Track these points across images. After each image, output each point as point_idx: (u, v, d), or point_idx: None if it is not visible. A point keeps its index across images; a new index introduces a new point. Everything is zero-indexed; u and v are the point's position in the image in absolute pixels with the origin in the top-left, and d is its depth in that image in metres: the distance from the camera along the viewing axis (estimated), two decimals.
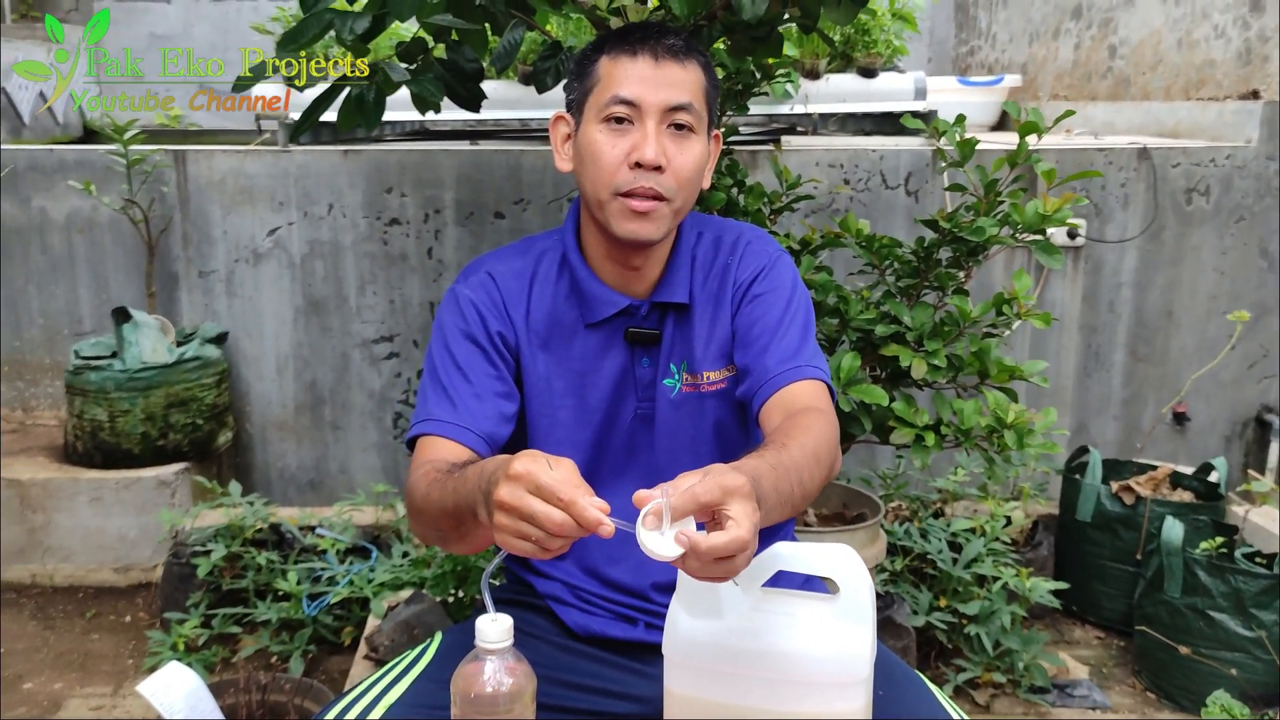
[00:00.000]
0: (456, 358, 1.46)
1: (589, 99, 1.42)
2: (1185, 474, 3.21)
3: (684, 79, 1.40)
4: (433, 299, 3.58)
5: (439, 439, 1.40)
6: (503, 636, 1.08)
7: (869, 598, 1.11)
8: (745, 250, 1.53)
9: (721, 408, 1.52)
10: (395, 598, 2.67)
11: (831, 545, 1.12)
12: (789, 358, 1.44)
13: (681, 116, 1.39)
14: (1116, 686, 2.86)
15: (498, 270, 1.52)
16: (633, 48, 1.40)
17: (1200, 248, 3.72)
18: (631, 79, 1.38)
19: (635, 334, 1.49)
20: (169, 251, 3.55)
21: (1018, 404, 2.01)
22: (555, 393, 1.50)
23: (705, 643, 1.11)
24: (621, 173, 1.39)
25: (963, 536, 2.90)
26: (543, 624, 1.56)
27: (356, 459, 3.69)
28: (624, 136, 1.39)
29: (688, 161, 1.41)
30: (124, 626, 3.05)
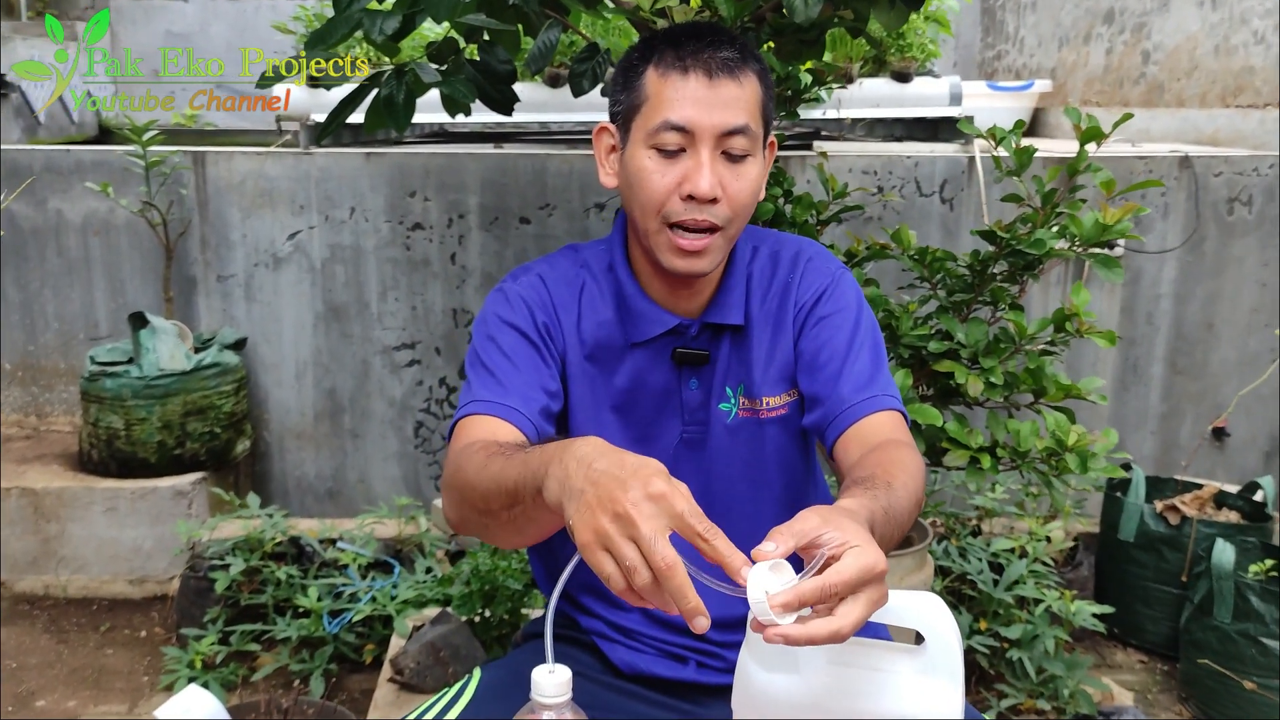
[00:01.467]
0: (503, 347, 1.36)
1: (635, 117, 1.30)
2: (1230, 493, 3.11)
3: (740, 97, 1.27)
4: (455, 305, 3.50)
5: (485, 418, 1.27)
6: (561, 691, 1.00)
7: (959, 651, 1.02)
8: (806, 267, 1.44)
9: (783, 435, 1.43)
10: (420, 616, 2.59)
11: (916, 593, 1.04)
12: (864, 385, 1.35)
13: (737, 143, 1.27)
14: (1163, 714, 2.76)
15: (549, 275, 1.43)
16: (684, 63, 1.27)
17: (1242, 259, 3.62)
18: (683, 101, 1.26)
19: (684, 354, 1.39)
20: (187, 255, 3.47)
21: (1077, 424, 1.92)
22: (597, 409, 1.41)
23: (781, 701, 1.03)
24: (672, 203, 1.28)
25: (1004, 557, 2.81)
26: (586, 659, 1.47)
27: (376, 469, 3.61)
28: (675, 164, 1.28)
29: (744, 188, 1.30)
30: (139, 641, 2.97)
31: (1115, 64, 5.10)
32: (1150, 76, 4.83)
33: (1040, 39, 5.82)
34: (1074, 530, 3.26)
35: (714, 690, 1.43)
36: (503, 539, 1.18)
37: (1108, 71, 5.15)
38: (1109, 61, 5.15)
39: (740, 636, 1.44)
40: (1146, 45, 4.87)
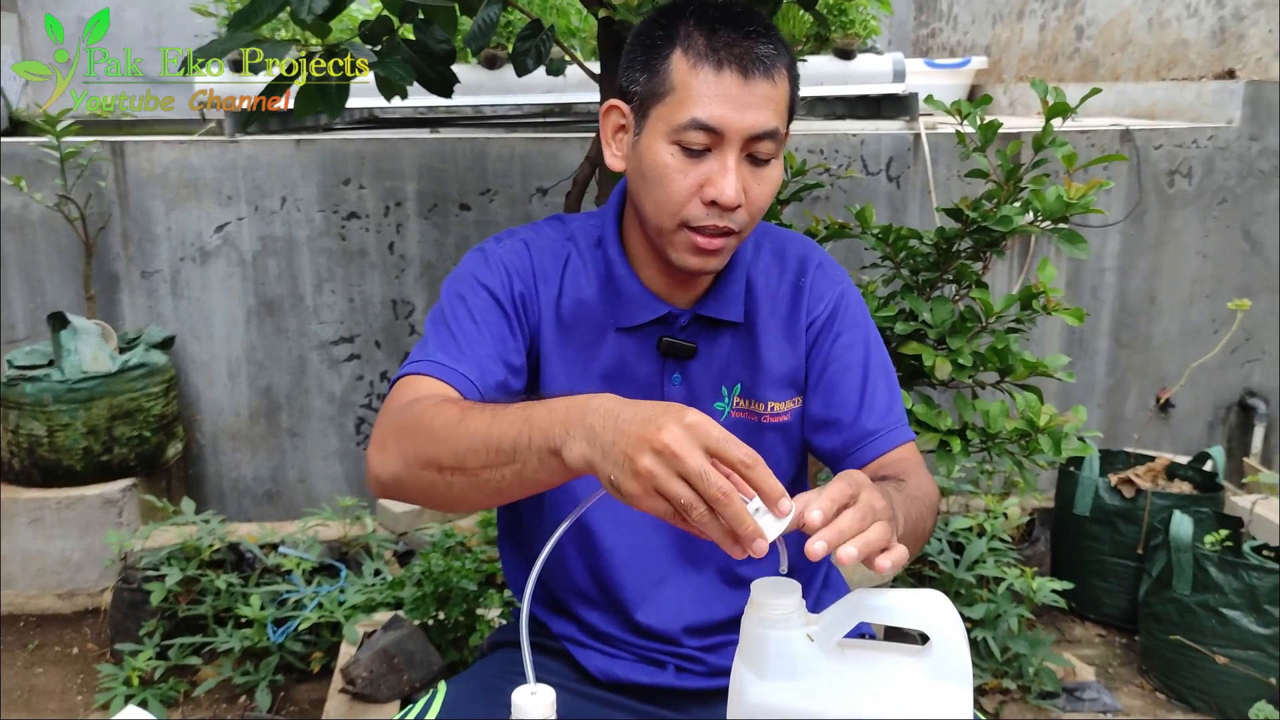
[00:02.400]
0: (472, 309, 1.26)
1: (657, 105, 1.19)
2: (1181, 464, 3.12)
3: (772, 97, 1.17)
4: (395, 297, 3.38)
5: (434, 381, 1.18)
6: (544, 712, 0.93)
7: (966, 652, 0.96)
8: (816, 275, 1.36)
9: (781, 442, 1.36)
10: (370, 622, 2.48)
11: (920, 591, 0.97)
12: (884, 414, 1.31)
13: (765, 147, 1.18)
14: (1124, 687, 2.76)
15: (534, 243, 1.33)
16: (717, 54, 1.15)
17: (1183, 231, 3.64)
18: (714, 98, 1.15)
19: (670, 345, 1.31)
20: (108, 251, 3.31)
21: (1047, 405, 1.88)
22: (575, 387, 1.31)
23: (780, 710, 0.96)
24: (693, 207, 1.19)
25: (963, 536, 2.78)
26: (558, 668, 1.40)
27: (317, 468, 3.48)
28: (698, 164, 1.18)
29: (766, 192, 1.22)
30: (71, 659, 2.83)
31: (1049, 40, 5.11)
32: (1084, 51, 4.85)
33: (974, 16, 5.82)
34: (1029, 506, 3.25)
35: (694, 695, 1.36)
36: (462, 500, 1.05)
37: (1042, 47, 5.17)
38: (1043, 38, 5.17)
39: (719, 640, 1.39)
40: (1080, 20, 4.88)
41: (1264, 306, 3.69)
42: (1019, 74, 5.31)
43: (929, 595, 0.97)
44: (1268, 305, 3.70)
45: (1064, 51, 4.99)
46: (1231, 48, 3.99)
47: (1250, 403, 3.74)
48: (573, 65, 2.57)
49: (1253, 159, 3.60)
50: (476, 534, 2.82)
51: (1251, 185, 3.62)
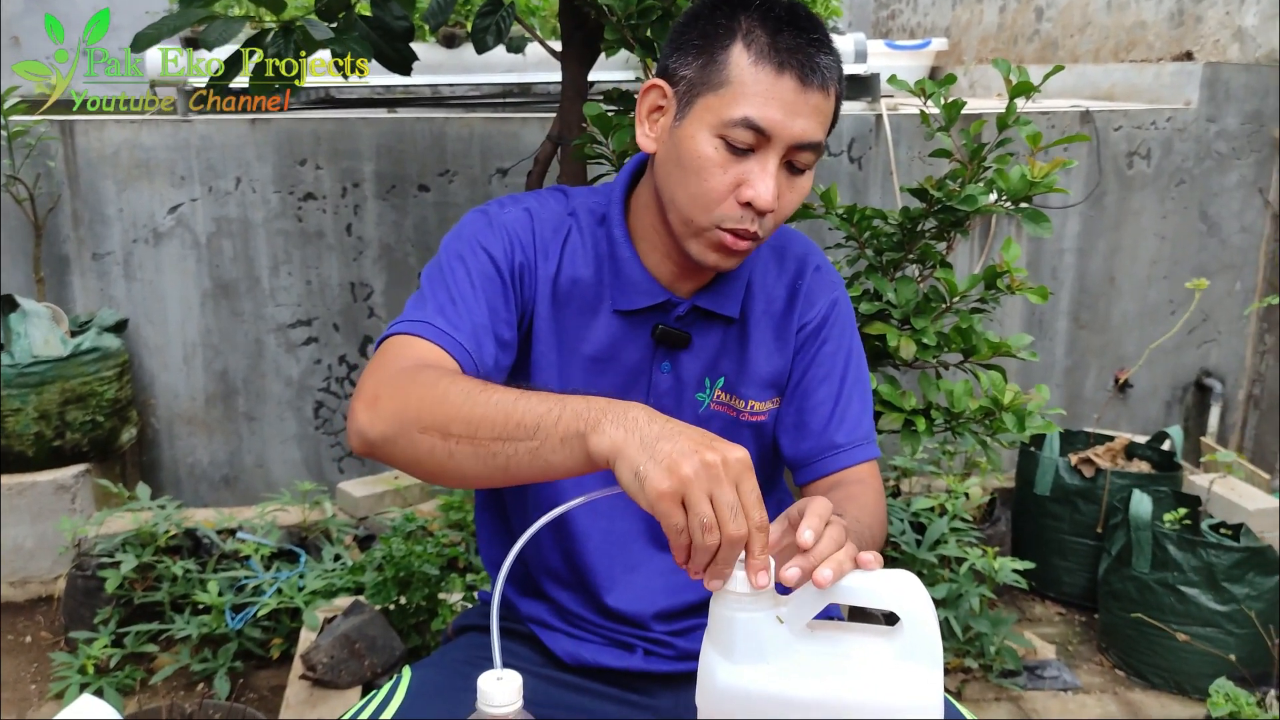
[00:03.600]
0: (472, 272, 1.22)
1: (707, 95, 1.16)
2: (1140, 443, 3.15)
3: (823, 109, 1.15)
4: (353, 279, 3.33)
5: (433, 346, 1.15)
6: (511, 698, 0.91)
7: (936, 633, 0.95)
8: (813, 279, 1.36)
9: (756, 441, 1.36)
10: (331, 608, 2.46)
11: (889, 571, 0.97)
12: (853, 429, 1.33)
13: (805, 157, 1.17)
14: (1084, 665, 2.79)
15: (538, 213, 1.29)
16: (779, 56, 1.12)
17: (1141, 212, 3.67)
18: (770, 100, 1.12)
19: (665, 333, 1.29)
20: (58, 232, 3.23)
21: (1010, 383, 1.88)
22: (559, 370, 1.29)
23: (750, 693, 0.95)
24: (728, 206, 1.17)
25: (924, 516, 2.79)
26: (524, 652, 1.38)
27: (275, 452, 3.43)
28: (739, 162, 1.15)
29: (795, 200, 1.21)
30: (24, 647, 2.77)
31: (1009, 21, 5.13)
32: (1044, 33, 4.87)
33: None
34: (990, 486, 3.28)
35: (662, 679, 1.35)
36: (454, 471, 1.02)
37: (1001, 29, 5.18)
38: (1002, 19, 5.18)
39: (687, 624, 1.37)
40: (1039, 2, 4.90)
41: (1221, 287, 3.73)
42: (979, 56, 5.33)
43: (899, 575, 0.97)
44: (1224, 286, 3.74)
45: (1023, 33, 5.01)
46: (1189, 30, 4.02)
47: (1207, 383, 3.79)
48: (533, 43, 2.54)
49: (1210, 140, 3.64)
50: (438, 518, 2.79)
51: (1209, 166, 3.66)
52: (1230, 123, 3.63)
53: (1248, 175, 3.68)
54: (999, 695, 2.62)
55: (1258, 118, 3.64)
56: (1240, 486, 3.15)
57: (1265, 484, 3.36)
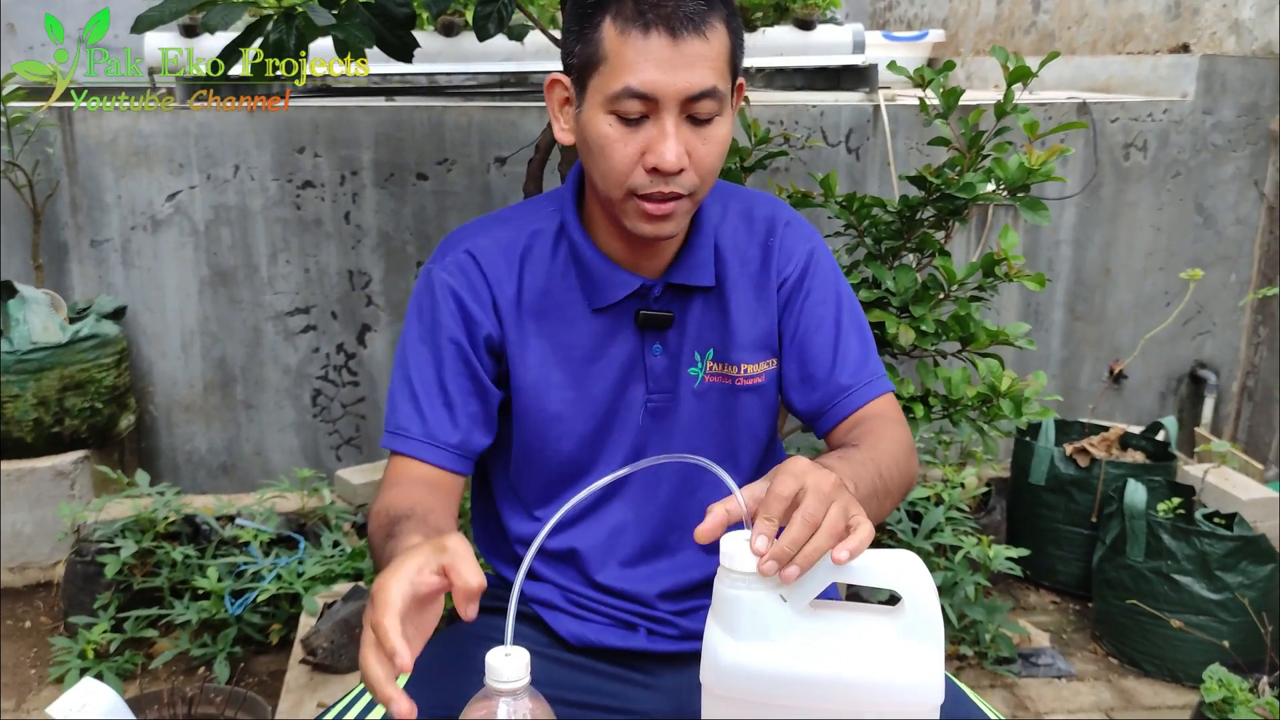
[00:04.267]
0: (427, 356, 1.29)
1: (592, 76, 1.17)
2: (1134, 434, 3.17)
3: (706, 55, 1.14)
4: (351, 267, 3.34)
5: (408, 460, 1.28)
6: (519, 674, 0.92)
7: (938, 612, 0.97)
8: (784, 234, 1.36)
9: (756, 404, 1.36)
10: (330, 593, 2.46)
11: (891, 551, 0.98)
12: (858, 369, 1.32)
13: (704, 107, 1.15)
14: (1078, 652, 2.81)
15: (480, 246, 1.31)
16: (644, 17, 1.12)
17: (1137, 204, 3.68)
18: (645, 63, 1.12)
19: (648, 317, 1.30)
20: (57, 219, 3.23)
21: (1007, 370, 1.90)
22: (551, 384, 1.31)
23: (754, 671, 0.96)
24: (636, 175, 1.17)
25: (921, 505, 2.81)
26: (529, 633, 1.39)
27: (273, 440, 3.44)
28: (637, 132, 1.16)
29: (712, 151, 1.19)
30: (24, 632, 2.78)
31: (1006, 13, 5.13)
32: (1041, 25, 4.88)
33: None
34: (986, 476, 3.29)
35: (666, 658, 1.36)
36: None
37: (999, 21, 5.19)
38: (999, 11, 5.19)
39: (690, 604, 1.39)
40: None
41: (1215, 280, 3.75)
42: (976, 48, 5.34)
43: (901, 556, 0.98)
44: (1219, 278, 3.76)
45: (1021, 25, 5.01)
46: (1186, 22, 4.03)
47: (1201, 374, 3.80)
48: (531, 32, 2.54)
49: (1206, 133, 3.65)
50: None
51: (1204, 159, 3.67)
52: (1226, 115, 3.65)
53: (1243, 168, 3.69)
54: (993, 682, 2.64)
55: (1254, 110, 3.65)
56: (1234, 477, 3.17)
57: (1259, 474, 3.39)
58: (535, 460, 1.35)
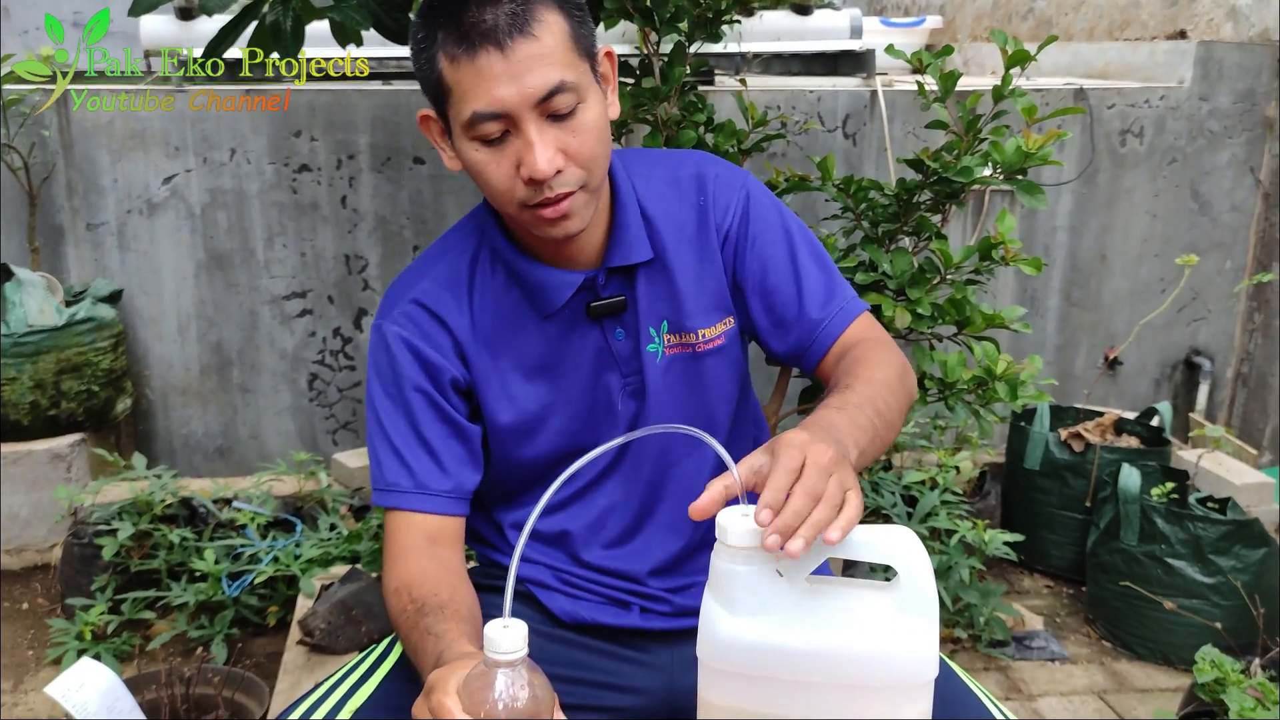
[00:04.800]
0: (398, 411, 1.29)
1: (446, 108, 1.17)
2: (1129, 419, 3.18)
3: (541, 52, 1.11)
4: (348, 251, 3.34)
5: (408, 514, 1.27)
6: (517, 646, 0.92)
7: (933, 587, 0.98)
8: (715, 187, 1.33)
9: (721, 365, 1.35)
10: (327, 575, 2.47)
11: (887, 527, 0.99)
12: (827, 300, 1.30)
13: (560, 102, 1.13)
14: (1071, 636, 2.82)
15: (423, 290, 1.30)
16: (468, 40, 1.10)
17: (1133, 190, 3.69)
18: (483, 85, 1.11)
19: (598, 309, 1.29)
20: (52, 202, 3.23)
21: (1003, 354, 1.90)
22: (526, 398, 1.31)
23: (750, 645, 0.97)
24: (518, 189, 1.16)
25: (916, 489, 2.82)
26: (523, 610, 1.40)
27: (269, 424, 3.44)
28: (506, 148, 1.15)
29: (586, 140, 1.16)
30: (21, 614, 2.79)
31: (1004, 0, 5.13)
32: (1038, 11, 4.87)
33: None
34: (981, 460, 3.30)
35: (658, 636, 1.37)
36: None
37: (996, 7, 5.18)
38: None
39: (683, 580, 1.40)
40: None
41: (1211, 266, 3.76)
42: (973, 34, 5.33)
43: (897, 531, 0.98)
44: (1215, 265, 3.77)
45: (1018, 11, 5.01)
46: (1183, 8, 4.03)
47: (1196, 361, 3.81)
48: None
49: (1202, 119, 3.65)
50: None
51: (1201, 145, 3.67)
52: (1223, 101, 3.65)
53: (1239, 154, 3.70)
54: (987, 665, 2.65)
55: (1250, 97, 3.66)
56: (1228, 462, 3.19)
57: (1253, 459, 3.40)
58: (528, 466, 1.35)
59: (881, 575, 1.07)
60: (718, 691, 1.00)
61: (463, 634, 1.09)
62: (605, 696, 1.35)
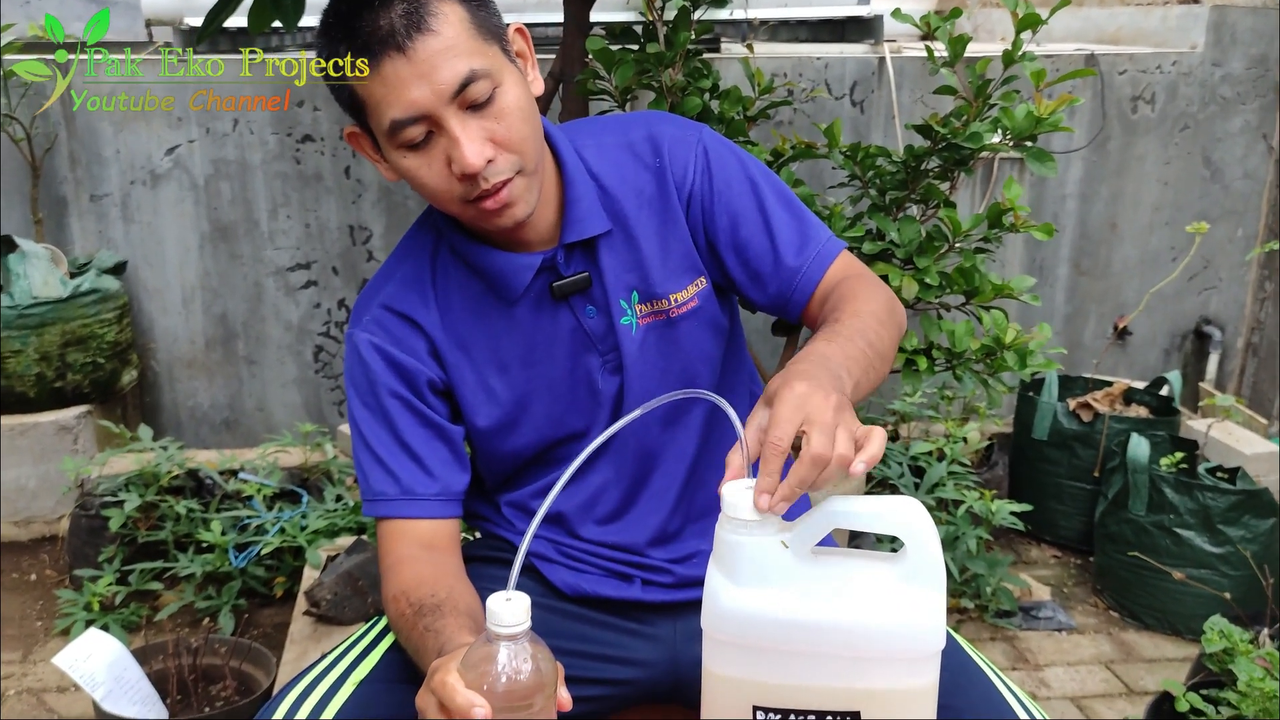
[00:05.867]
0: (377, 419, 1.27)
1: (368, 122, 1.15)
2: (1138, 389, 3.16)
3: (443, 45, 1.08)
4: (352, 222, 3.32)
5: (398, 522, 1.27)
6: (520, 618, 0.92)
7: (940, 557, 0.96)
8: (670, 145, 1.28)
9: (699, 328, 1.31)
10: (333, 546, 2.47)
11: (894, 498, 0.97)
12: (801, 246, 1.26)
13: (475, 90, 1.10)
14: (1079, 606, 2.82)
15: (391, 294, 1.28)
16: (369, 50, 1.08)
17: (1144, 157, 3.65)
18: (392, 92, 1.08)
19: (562, 289, 1.26)
20: (55, 173, 3.21)
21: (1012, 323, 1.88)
22: (504, 388, 1.29)
23: (755, 616, 0.96)
24: (455, 187, 1.14)
25: (923, 460, 2.81)
26: (524, 583, 1.37)
27: (275, 396, 3.44)
28: (433, 148, 1.12)
29: (512, 124, 1.13)
30: (29, 585, 2.80)
31: None
32: None
33: None
34: (988, 431, 3.29)
35: (660, 608, 1.36)
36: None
37: None
38: None
39: (685, 550, 1.38)
40: None
41: (1222, 234, 3.72)
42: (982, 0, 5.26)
43: (904, 502, 0.97)
44: (1226, 232, 3.73)
45: None
46: None
47: (1206, 330, 3.79)
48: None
49: (1215, 85, 3.61)
50: None
51: (1213, 111, 3.63)
52: (1236, 67, 3.60)
53: (1252, 120, 3.65)
54: (994, 635, 2.65)
55: (1263, 62, 3.61)
56: (1238, 431, 3.17)
57: (1263, 429, 3.38)
58: (516, 455, 1.34)
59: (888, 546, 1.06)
60: (722, 663, 0.99)
61: (462, 627, 1.08)
62: (608, 669, 1.34)
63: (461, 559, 1.29)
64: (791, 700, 0.97)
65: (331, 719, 1.17)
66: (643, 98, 2.54)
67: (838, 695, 0.97)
